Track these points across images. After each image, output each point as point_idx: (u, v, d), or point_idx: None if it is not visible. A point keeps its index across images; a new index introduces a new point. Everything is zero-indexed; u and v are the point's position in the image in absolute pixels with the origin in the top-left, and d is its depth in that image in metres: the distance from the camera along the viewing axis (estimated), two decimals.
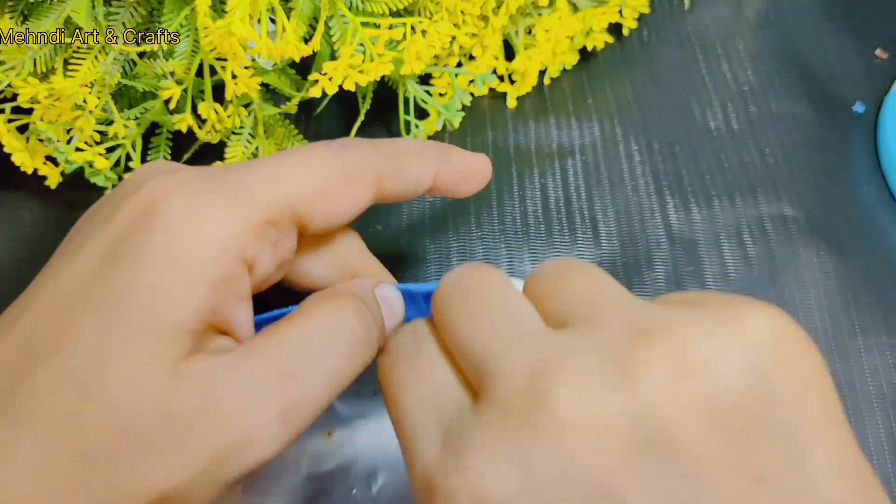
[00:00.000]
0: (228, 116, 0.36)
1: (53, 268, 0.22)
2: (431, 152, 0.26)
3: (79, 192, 0.39)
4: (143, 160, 0.38)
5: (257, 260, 0.22)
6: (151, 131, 0.38)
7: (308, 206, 0.23)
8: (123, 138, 0.36)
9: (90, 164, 0.35)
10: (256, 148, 0.37)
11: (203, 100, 0.35)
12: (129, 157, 0.37)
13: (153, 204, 0.21)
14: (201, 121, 0.36)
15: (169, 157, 0.38)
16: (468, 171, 0.27)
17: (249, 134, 0.37)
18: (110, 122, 0.36)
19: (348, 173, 0.24)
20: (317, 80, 0.34)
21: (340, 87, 0.34)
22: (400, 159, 0.25)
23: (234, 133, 0.37)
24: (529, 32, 0.42)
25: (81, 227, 0.23)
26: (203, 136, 0.36)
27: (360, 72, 0.34)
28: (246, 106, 0.37)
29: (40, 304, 0.21)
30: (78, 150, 0.35)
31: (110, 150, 0.37)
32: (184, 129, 0.36)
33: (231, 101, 0.35)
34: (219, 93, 0.35)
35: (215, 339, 0.21)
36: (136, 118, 0.37)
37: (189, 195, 0.21)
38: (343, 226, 0.25)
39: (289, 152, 0.24)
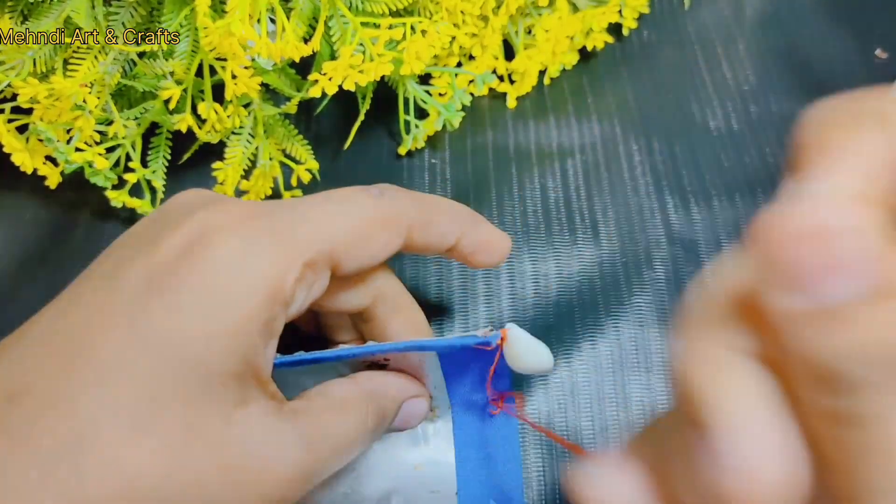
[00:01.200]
0: (228, 116, 0.36)
1: (93, 283, 0.22)
2: (462, 215, 0.27)
3: (79, 192, 0.39)
4: (143, 160, 0.38)
5: (292, 300, 0.22)
6: (151, 131, 0.38)
7: (344, 250, 0.23)
8: (123, 138, 0.36)
9: (90, 165, 0.35)
10: (256, 148, 0.37)
11: (203, 100, 0.35)
12: (128, 158, 0.37)
13: (201, 238, 0.21)
14: (201, 121, 0.36)
15: (168, 158, 0.38)
16: (489, 244, 0.28)
17: (249, 134, 0.37)
18: (110, 122, 0.36)
19: (384, 219, 0.24)
20: (316, 81, 0.34)
21: (340, 87, 0.34)
22: (432, 214, 0.26)
23: (233, 133, 0.37)
24: (529, 32, 0.42)
25: (123, 246, 0.23)
26: (203, 135, 0.36)
27: (360, 72, 0.34)
28: (246, 106, 0.37)
29: (79, 318, 0.20)
30: (78, 150, 0.35)
31: (110, 150, 0.37)
32: (184, 129, 0.36)
33: (231, 102, 0.35)
34: (219, 93, 0.35)
35: (251, 384, 0.21)
36: (136, 118, 0.37)
37: (238, 235, 0.21)
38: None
39: (331, 195, 0.24)
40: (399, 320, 0.27)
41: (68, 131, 0.36)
